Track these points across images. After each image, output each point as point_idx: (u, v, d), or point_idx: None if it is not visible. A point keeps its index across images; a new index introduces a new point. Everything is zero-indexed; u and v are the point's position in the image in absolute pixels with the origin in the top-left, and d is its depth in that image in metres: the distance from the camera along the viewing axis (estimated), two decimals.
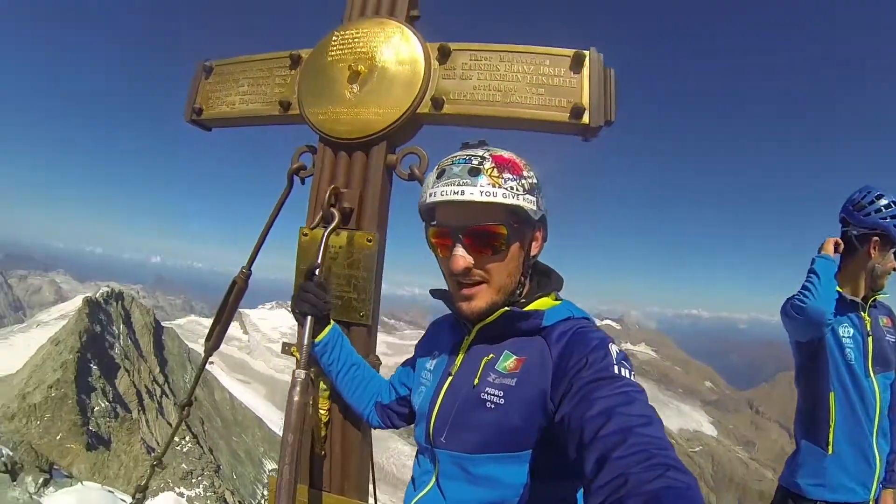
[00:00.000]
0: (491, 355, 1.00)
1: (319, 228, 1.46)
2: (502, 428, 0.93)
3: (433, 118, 1.54)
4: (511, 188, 0.93)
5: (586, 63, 1.41)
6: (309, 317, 1.22)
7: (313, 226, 1.48)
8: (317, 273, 1.29)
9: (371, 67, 1.53)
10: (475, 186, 0.91)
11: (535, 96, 1.43)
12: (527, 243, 1.02)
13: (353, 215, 1.52)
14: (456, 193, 0.92)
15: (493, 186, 0.92)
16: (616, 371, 0.83)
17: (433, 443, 1.02)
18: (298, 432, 0.97)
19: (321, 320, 1.29)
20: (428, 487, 1.02)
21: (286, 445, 0.95)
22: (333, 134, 1.55)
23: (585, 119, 1.38)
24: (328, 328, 1.32)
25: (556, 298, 1.07)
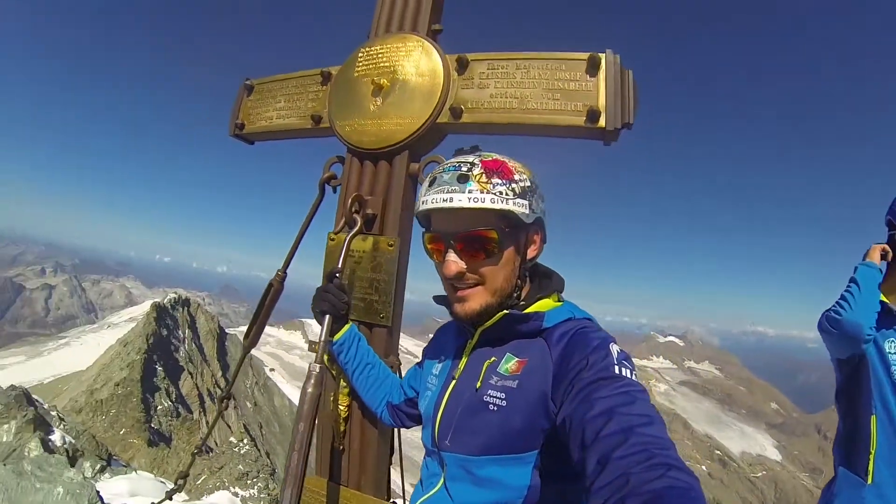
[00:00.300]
0: (493, 358, 1.01)
1: (343, 233, 1.53)
2: (505, 430, 0.93)
3: (453, 127, 1.59)
4: (500, 193, 0.94)
5: (602, 66, 1.40)
6: (327, 315, 1.28)
7: (337, 231, 1.57)
8: (338, 276, 1.35)
9: (393, 81, 1.60)
10: (463, 193, 0.93)
11: (551, 101, 1.43)
12: (522, 246, 1.02)
13: (378, 221, 1.58)
14: (445, 200, 0.94)
15: (482, 192, 0.93)
16: (617, 371, 0.82)
17: (439, 446, 1.03)
18: (310, 422, 1.03)
19: (339, 320, 1.34)
20: (435, 489, 1.03)
21: (297, 434, 1.01)
22: (359, 145, 1.63)
23: (602, 122, 1.36)
24: (346, 327, 1.37)
25: (559, 300, 1.07)
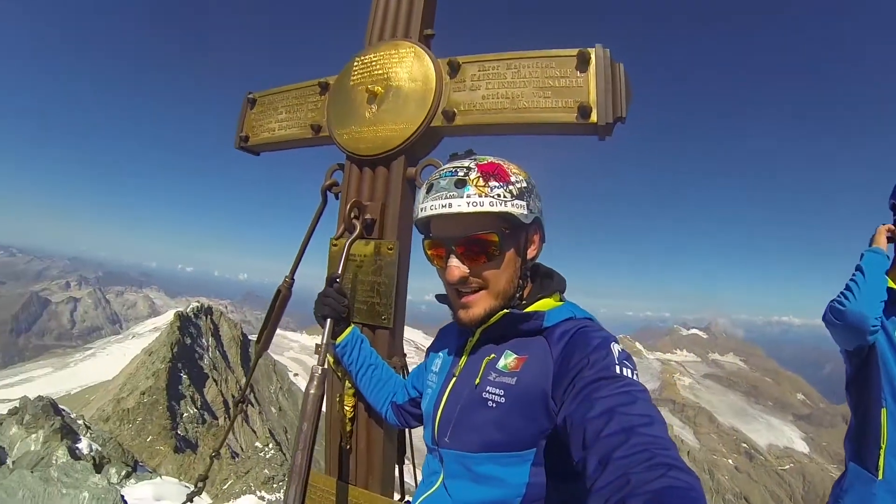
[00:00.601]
0: (493, 355, 1.01)
1: (344, 238, 1.57)
2: (503, 427, 0.93)
3: (447, 130, 1.61)
4: (498, 195, 0.94)
5: (592, 61, 1.40)
6: (329, 319, 1.31)
7: (338, 236, 1.60)
8: (338, 280, 1.38)
9: (387, 87, 1.64)
10: (462, 198, 0.94)
11: (543, 99, 1.44)
12: (522, 247, 1.03)
13: (377, 226, 1.61)
14: (444, 206, 0.95)
15: (480, 196, 0.94)
16: (618, 371, 0.82)
17: (438, 443, 1.04)
18: (312, 421, 1.06)
19: (341, 323, 1.37)
20: (435, 487, 1.04)
21: (300, 433, 1.05)
22: (357, 151, 1.67)
23: (593, 118, 1.36)
24: (348, 330, 1.40)
25: (560, 300, 1.07)
